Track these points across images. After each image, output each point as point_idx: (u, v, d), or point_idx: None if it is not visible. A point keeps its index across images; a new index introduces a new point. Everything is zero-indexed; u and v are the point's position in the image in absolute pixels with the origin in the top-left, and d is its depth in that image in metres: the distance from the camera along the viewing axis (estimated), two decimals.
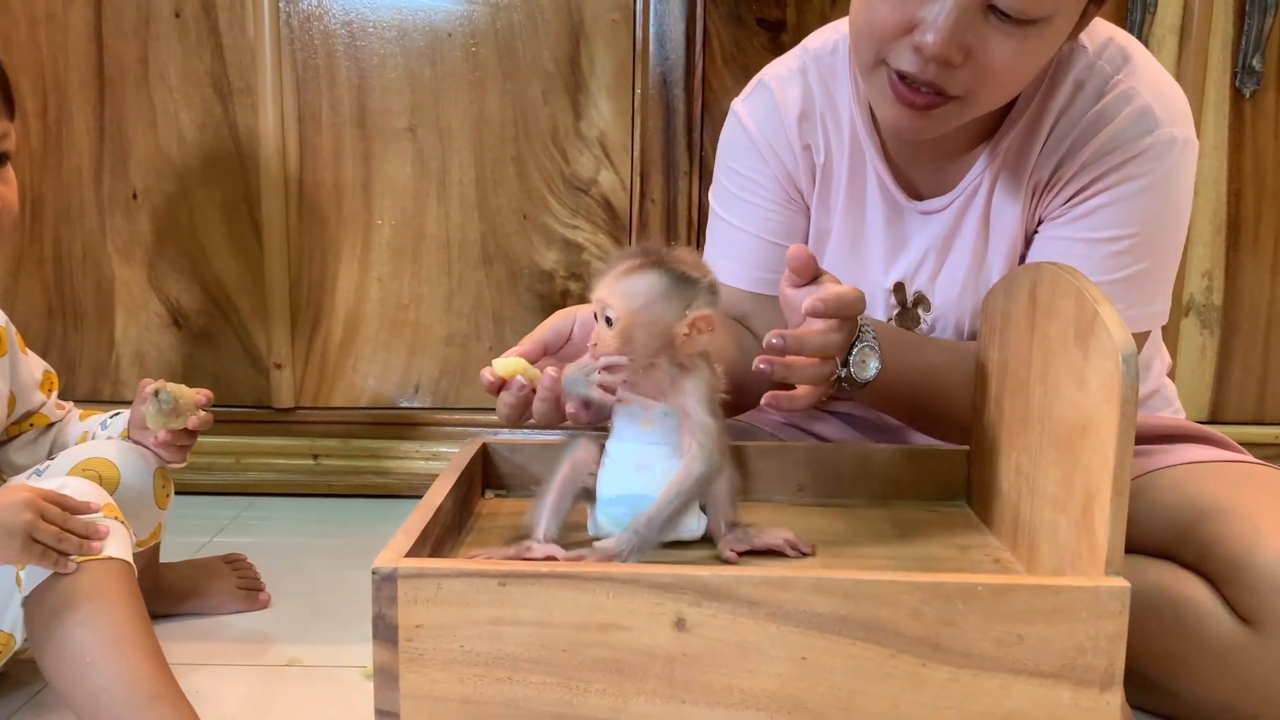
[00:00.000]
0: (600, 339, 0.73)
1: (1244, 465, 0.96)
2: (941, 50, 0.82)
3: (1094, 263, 0.92)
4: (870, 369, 0.85)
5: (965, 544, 0.81)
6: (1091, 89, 0.93)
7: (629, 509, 0.72)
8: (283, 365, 1.60)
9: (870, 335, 0.86)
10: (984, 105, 0.88)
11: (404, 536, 0.68)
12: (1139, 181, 0.92)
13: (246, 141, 1.55)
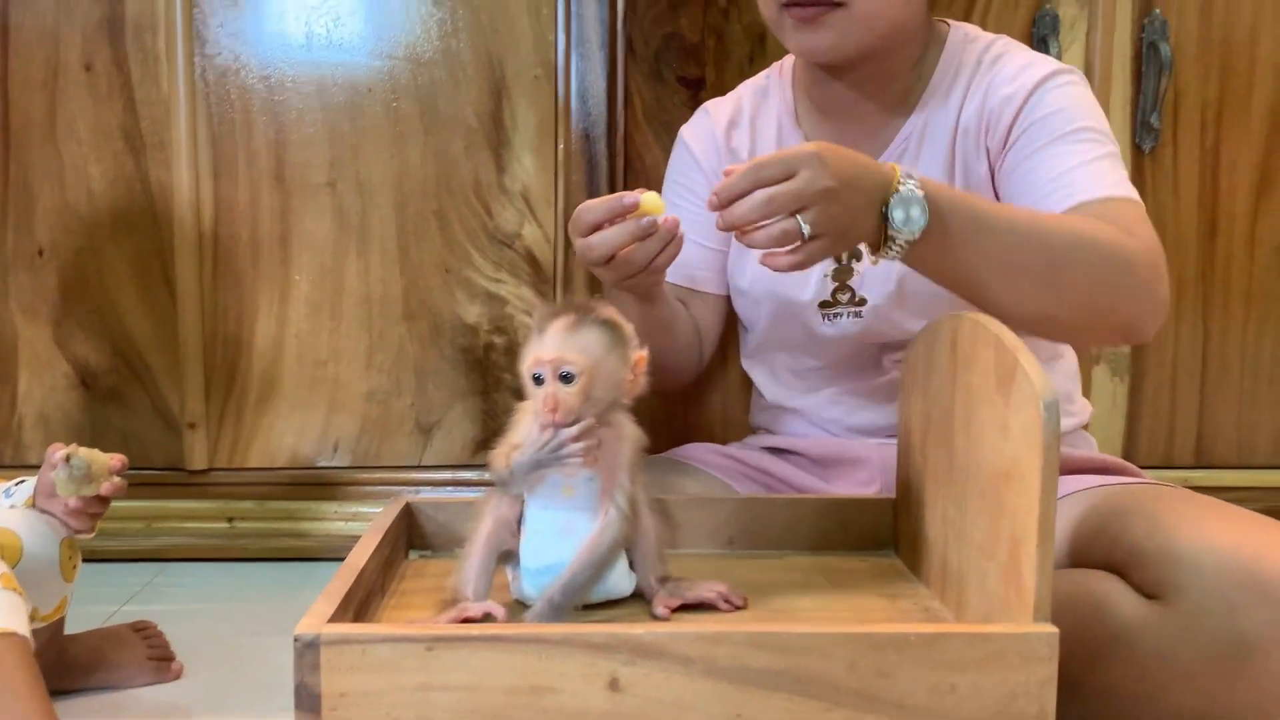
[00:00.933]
0: (561, 401, 0.71)
1: (1149, 485, 1.01)
2: None
3: (1075, 152, 0.98)
4: (915, 223, 0.84)
5: (895, 593, 0.81)
6: (981, 44, 1.08)
7: (555, 577, 0.71)
8: (196, 425, 1.56)
9: (912, 185, 0.85)
10: (868, 9, 0.99)
11: (326, 601, 0.66)
12: (1064, 87, 1.02)
13: (159, 196, 1.52)
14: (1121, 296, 0.91)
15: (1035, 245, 0.89)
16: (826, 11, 0.99)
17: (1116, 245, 0.90)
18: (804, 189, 0.79)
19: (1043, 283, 0.89)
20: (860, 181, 0.83)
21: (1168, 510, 0.86)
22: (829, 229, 0.81)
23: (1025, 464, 0.64)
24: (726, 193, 0.81)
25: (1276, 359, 1.63)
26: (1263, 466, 1.65)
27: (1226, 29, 1.57)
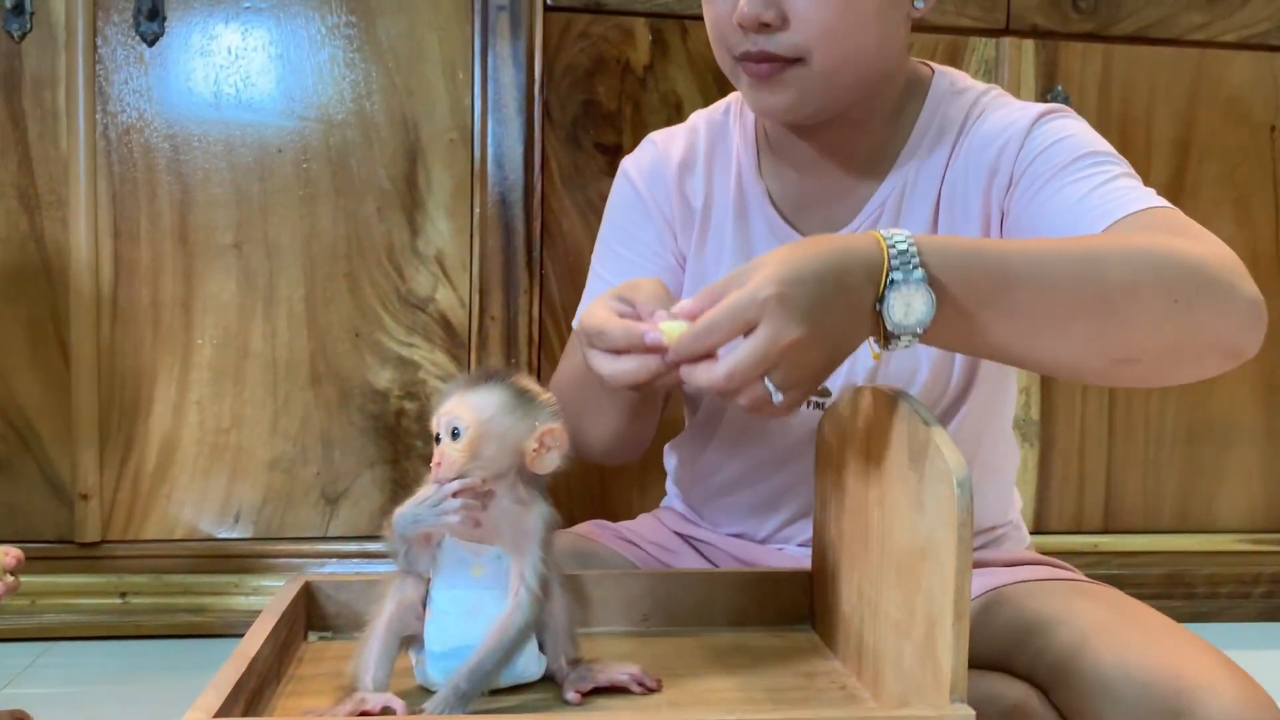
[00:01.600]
0: (445, 457, 0.69)
1: (1075, 581, 0.99)
2: (751, 12, 0.87)
3: (1089, 177, 0.86)
4: (919, 314, 0.68)
5: (811, 671, 0.79)
6: (970, 95, 0.97)
7: (462, 661, 0.68)
8: (89, 496, 1.48)
9: (907, 268, 0.68)
10: (829, 64, 0.90)
11: (214, 693, 0.61)
12: (1060, 119, 0.93)
13: (55, 256, 1.46)
14: (1205, 309, 0.73)
15: (1082, 278, 0.72)
16: (784, 68, 0.90)
17: (1179, 251, 0.74)
18: (767, 349, 0.65)
19: (1103, 320, 0.72)
20: (842, 292, 0.67)
21: (1093, 626, 0.84)
22: (805, 378, 0.68)
23: (939, 541, 0.63)
24: (678, 357, 0.68)
25: (1178, 427, 1.68)
26: (1167, 531, 1.68)
27: (1125, 106, 1.63)
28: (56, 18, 1.44)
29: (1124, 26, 1.61)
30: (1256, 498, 1.70)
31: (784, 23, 0.88)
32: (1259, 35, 1.63)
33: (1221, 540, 1.69)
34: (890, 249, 0.68)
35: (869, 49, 0.91)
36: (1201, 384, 1.67)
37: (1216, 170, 1.65)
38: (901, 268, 0.68)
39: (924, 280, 0.68)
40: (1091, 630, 0.83)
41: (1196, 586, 1.68)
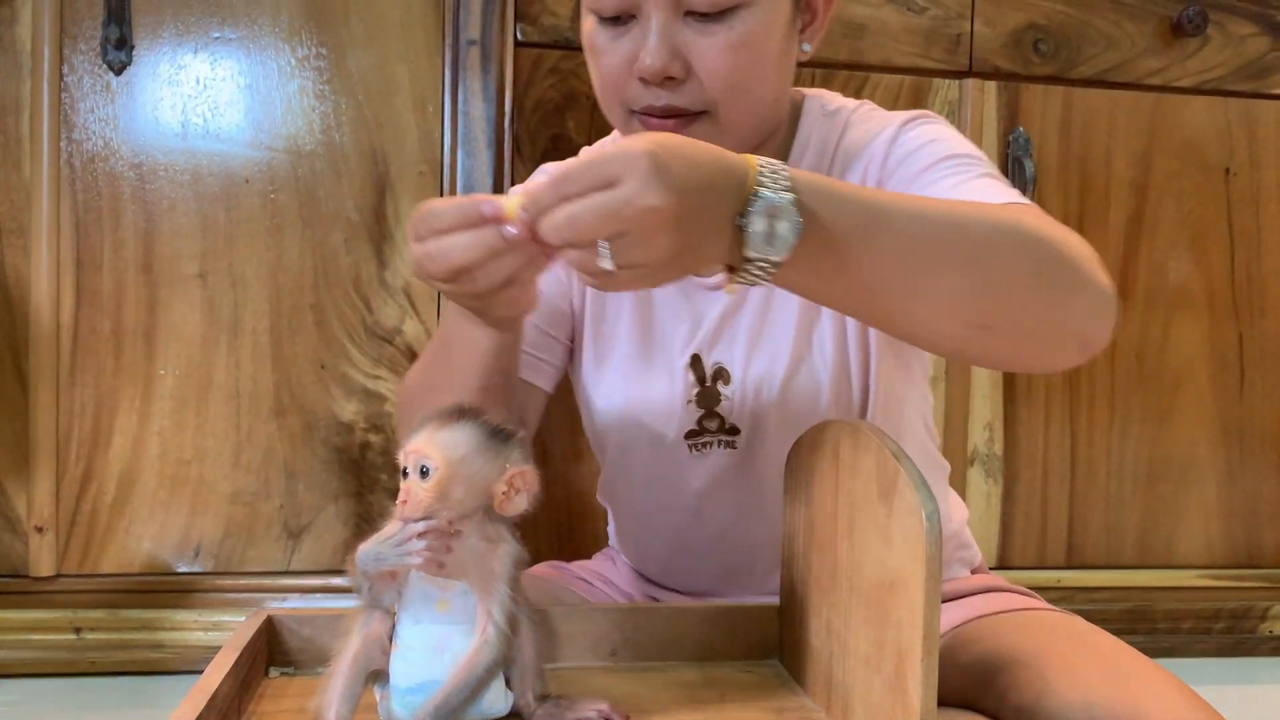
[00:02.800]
0: (412, 495, 0.68)
1: (1041, 614, 0.99)
2: (656, 65, 0.85)
3: (952, 177, 0.85)
4: (782, 241, 0.63)
5: (780, 706, 0.79)
6: (841, 117, 0.97)
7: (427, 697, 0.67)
8: (44, 529, 1.45)
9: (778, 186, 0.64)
10: (734, 116, 0.88)
11: None
12: (925, 125, 0.93)
13: (15, 285, 1.44)
14: (1064, 287, 0.72)
15: (947, 231, 0.69)
16: (688, 122, 0.87)
17: (1043, 230, 0.73)
18: (618, 208, 0.60)
19: (964, 278, 0.69)
20: (711, 190, 0.63)
21: (1055, 665, 0.84)
22: (647, 259, 0.62)
23: (908, 575, 0.63)
24: (533, 207, 0.64)
25: (1138, 462, 1.70)
26: (1129, 566, 1.70)
27: (1084, 147, 1.66)
28: (22, 44, 1.43)
29: (1083, 70, 1.65)
30: (1215, 534, 1.72)
31: (688, 75, 0.86)
32: (1213, 80, 1.67)
33: (1182, 576, 1.71)
34: (761, 167, 0.65)
35: (769, 98, 0.91)
36: (1161, 422, 1.70)
37: (1173, 211, 1.68)
38: (771, 185, 0.64)
39: (792, 203, 0.64)
40: (1053, 671, 0.83)
41: (1158, 622, 1.70)
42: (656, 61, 0.85)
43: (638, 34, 0.86)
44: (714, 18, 0.84)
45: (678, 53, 0.85)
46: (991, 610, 0.98)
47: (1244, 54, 1.68)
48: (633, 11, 0.86)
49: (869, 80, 1.59)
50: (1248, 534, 1.73)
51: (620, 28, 0.87)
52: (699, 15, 0.85)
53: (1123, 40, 1.65)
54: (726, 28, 0.85)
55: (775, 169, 0.65)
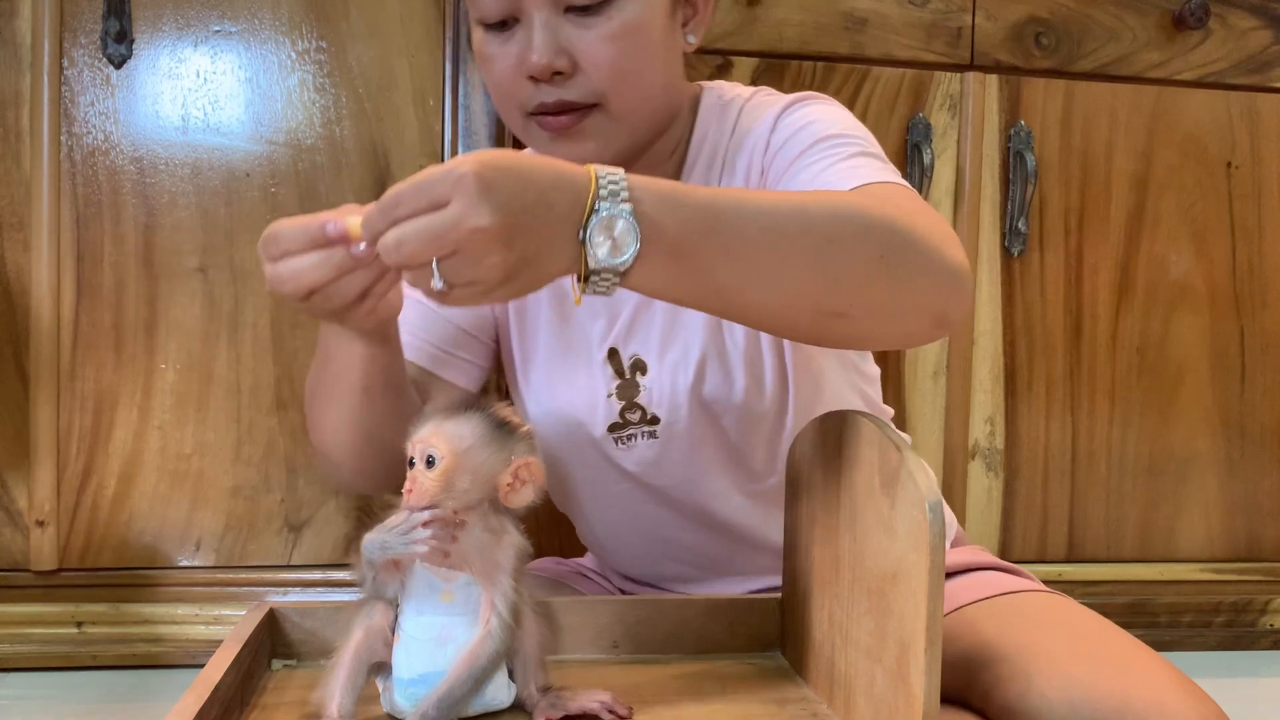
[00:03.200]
0: (417, 484, 0.68)
1: (1024, 597, 0.97)
2: (542, 61, 0.87)
3: (825, 158, 0.88)
4: (625, 251, 0.64)
5: (782, 698, 0.79)
6: (735, 107, 0.99)
7: (430, 688, 0.67)
8: (46, 523, 1.45)
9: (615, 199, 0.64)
10: (626, 105, 0.90)
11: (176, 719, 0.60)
12: (808, 105, 0.95)
13: (15, 279, 1.44)
14: (911, 269, 0.73)
15: (789, 226, 0.69)
16: (582, 116, 0.89)
17: (889, 214, 0.73)
18: (445, 230, 0.60)
19: (810, 270, 0.70)
20: (545, 205, 0.62)
21: (1041, 659, 0.83)
22: (480, 277, 0.62)
23: (911, 566, 0.63)
24: (367, 229, 0.65)
25: (1139, 456, 1.70)
26: (1130, 560, 1.70)
27: (1086, 141, 1.66)
28: (22, 38, 1.43)
29: (1085, 63, 1.64)
30: (1215, 528, 1.72)
31: (575, 69, 0.88)
32: (1215, 74, 1.67)
33: (1183, 569, 1.71)
34: (599, 179, 0.64)
35: (659, 85, 0.93)
36: (1162, 416, 1.70)
37: (1175, 205, 1.68)
38: (609, 198, 0.64)
39: (630, 213, 0.64)
40: (1036, 666, 0.82)
41: (1158, 615, 1.70)
42: (542, 58, 0.87)
43: (523, 36, 0.88)
44: (593, 10, 0.87)
45: (562, 48, 0.87)
46: (974, 597, 0.97)
47: (1246, 47, 1.68)
48: (515, 14, 0.88)
49: (870, 74, 1.59)
50: (1248, 528, 1.73)
51: (506, 32, 0.89)
52: (578, 10, 0.87)
53: (1124, 33, 1.65)
54: (606, 19, 0.87)
55: (614, 179, 0.65)
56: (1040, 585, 1.01)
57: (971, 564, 1.03)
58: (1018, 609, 0.94)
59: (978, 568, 1.03)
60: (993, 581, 1.00)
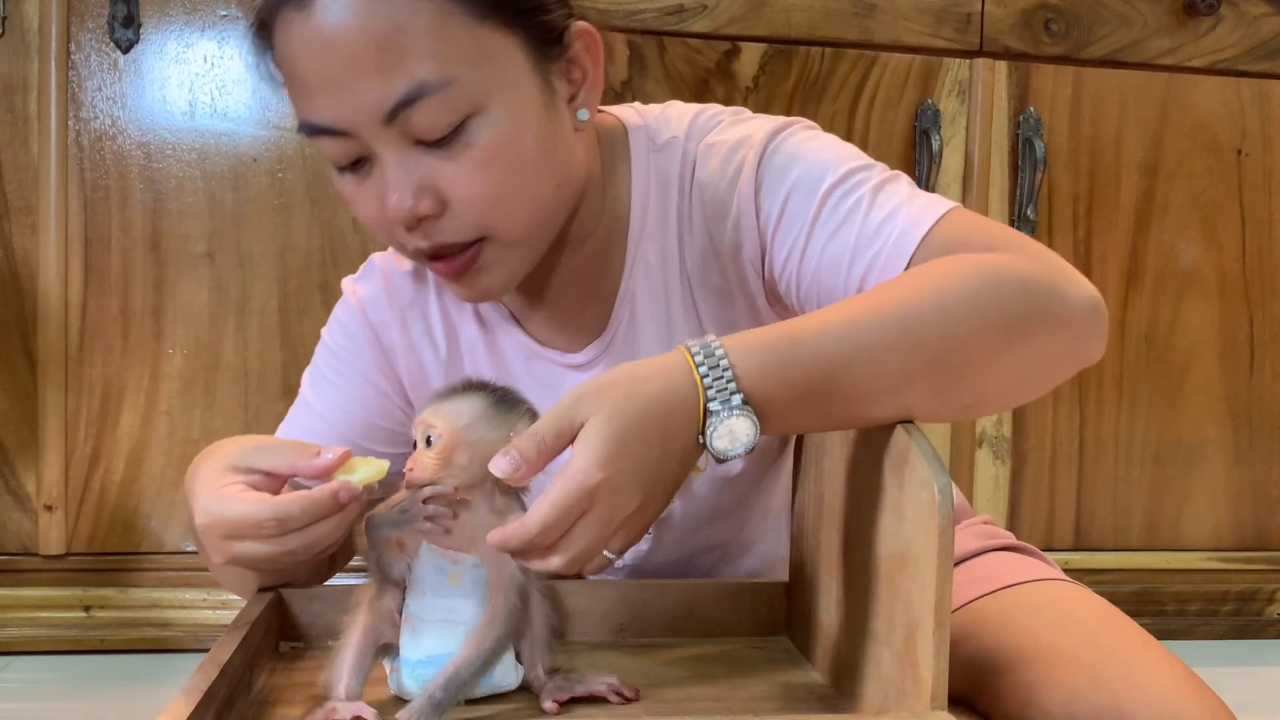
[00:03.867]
0: (417, 463, 0.68)
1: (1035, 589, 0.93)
2: (403, 209, 0.75)
3: (857, 204, 0.77)
4: (745, 439, 0.64)
5: (789, 681, 0.79)
6: (678, 146, 0.85)
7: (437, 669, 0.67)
8: (54, 507, 1.46)
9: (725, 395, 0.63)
10: (515, 231, 0.78)
11: (184, 700, 0.60)
12: (790, 141, 0.81)
13: (23, 263, 1.44)
14: (1041, 335, 0.68)
15: (901, 346, 0.66)
16: (473, 254, 0.78)
17: (996, 276, 0.68)
18: (602, 531, 0.63)
19: (935, 381, 0.67)
20: (664, 445, 0.63)
21: (1044, 665, 0.80)
22: (640, 530, 0.66)
23: (920, 548, 0.63)
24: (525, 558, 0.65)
25: (1146, 444, 1.69)
26: (1137, 549, 1.70)
27: (1095, 128, 1.65)
28: (30, 23, 1.43)
29: (1095, 50, 1.64)
30: (1223, 517, 1.72)
31: (444, 208, 0.76)
32: (1226, 61, 1.66)
33: (1190, 558, 1.71)
34: (703, 378, 0.64)
35: (548, 193, 0.79)
36: (1170, 404, 1.70)
37: (1185, 192, 1.67)
38: (718, 397, 0.63)
39: (743, 404, 0.63)
40: (1038, 674, 0.79)
41: (1165, 604, 1.70)
42: (402, 205, 0.75)
43: (379, 176, 0.76)
44: (447, 140, 0.74)
45: (425, 188, 0.75)
46: (979, 592, 0.93)
47: (1257, 34, 1.67)
48: (366, 154, 0.76)
49: (878, 59, 1.59)
50: (1256, 516, 1.72)
51: (361, 172, 0.77)
52: (429, 144, 0.74)
53: (1135, 20, 1.64)
54: (464, 146, 0.74)
55: (719, 375, 0.64)
56: (1045, 566, 0.97)
57: (977, 550, 1.00)
58: (1021, 606, 0.90)
59: (983, 551, 1.00)
60: (999, 571, 0.97)
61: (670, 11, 1.54)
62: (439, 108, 0.72)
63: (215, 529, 0.69)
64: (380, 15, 0.71)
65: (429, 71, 0.72)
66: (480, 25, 0.74)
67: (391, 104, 0.72)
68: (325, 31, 0.72)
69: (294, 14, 0.73)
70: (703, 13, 1.54)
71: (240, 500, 0.69)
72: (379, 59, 0.71)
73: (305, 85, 0.74)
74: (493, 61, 0.74)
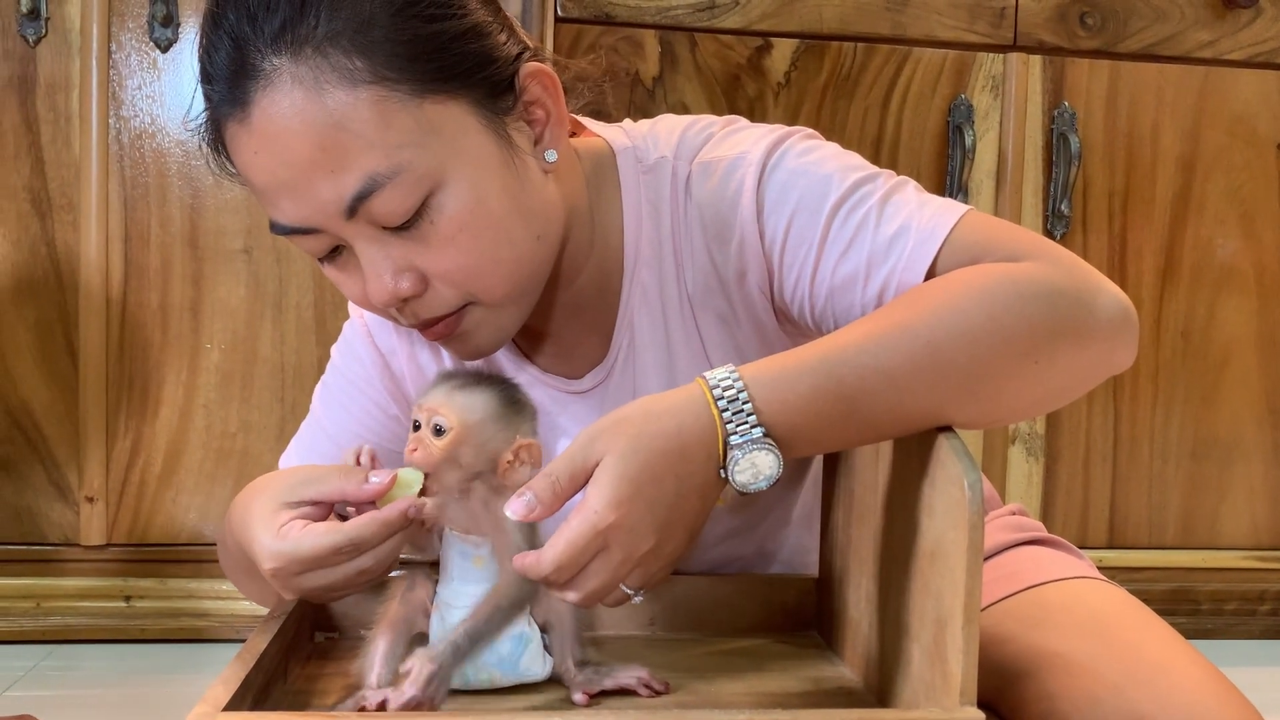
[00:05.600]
0: (423, 446, 0.68)
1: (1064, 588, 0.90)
2: (385, 293, 0.74)
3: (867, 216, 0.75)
4: (768, 472, 0.64)
5: (819, 676, 0.79)
6: (667, 165, 0.82)
7: None
8: (95, 499, 1.49)
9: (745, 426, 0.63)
10: (499, 292, 0.77)
11: (222, 687, 0.62)
12: (789, 156, 0.79)
13: (65, 260, 1.47)
14: (1068, 351, 0.67)
15: (926, 370, 0.65)
16: (458, 319, 0.77)
17: (1018, 290, 0.67)
18: (617, 569, 0.64)
19: (963, 401, 0.66)
20: (681, 483, 0.64)
21: (1071, 673, 0.78)
22: (664, 568, 0.66)
23: (950, 544, 0.63)
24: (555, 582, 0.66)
25: (1183, 441, 1.68)
26: (1172, 547, 1.68)
27: (1131, 122, 1.64)
28: (71, 23, 1.45)
29: (1131, 43, 1.62)
30: (1261, 515, 1.70)
31: (425, 284, 0.75)
32: (1265, 53, 1.64)
33: (1226, 557, 1.69)
34: (722, 413, 0.63)
35: (527, 242, 0.77)
36: (1207, 400, 1.68)
37: (1222, 187, 1.65)
38: (739, 431, 0.63)
39: (763, 435, 0.63)
40: (1063, 682, 0.78)
41: (1201, 603, 1.68)
42: (383, 291, 0.74)
43: (358, 261, 0.75)
44: (412, 222, 0.72)
45: (402, 269, 0.74)
46: (1005, 592, 0.92)
47: None
48: (337, 244, 0.75)
49: (911, 55, 1.58)
50: None
51: (340, 260, 0.77)
52: (397, 230, 0.73)
53: (1172, 12, 1.62)
54: (429, 223, 0.72)
55: (738, 409, 0.64)
56: (1075, 561, 0.94)
57: (1005, 543, 0.98)
58: (1047, 608, 0.87)
59: (1012, 545, 0.98)
60: (1026, 569, 0.94)
61: (702, 8, 1.54)
62: (395, 195, 0.71)
63: (289, 568, 0.70)
64: (318, 116, 0.69)
65: (376, 163, 0.70)
66: (421, 102, 0.71)
67: (347, 201, 0.71)
68: (269, 140, 0.70)
69: (237, 126, 0.72)
70: (734, 8, 1.54)
71: (309, 534, 0.69)
72: (325, 160, 0.70)
73: (263, 192, 0.74)
74: (441, 135, 0.72)
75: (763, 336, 0.84)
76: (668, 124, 0.86)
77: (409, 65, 0.71)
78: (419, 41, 0.71)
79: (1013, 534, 0.97)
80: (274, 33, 0.70)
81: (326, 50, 0.69)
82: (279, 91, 0.69)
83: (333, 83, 0.69)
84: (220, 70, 0.72)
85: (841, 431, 0.67)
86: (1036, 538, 0.97)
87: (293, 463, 0.95)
